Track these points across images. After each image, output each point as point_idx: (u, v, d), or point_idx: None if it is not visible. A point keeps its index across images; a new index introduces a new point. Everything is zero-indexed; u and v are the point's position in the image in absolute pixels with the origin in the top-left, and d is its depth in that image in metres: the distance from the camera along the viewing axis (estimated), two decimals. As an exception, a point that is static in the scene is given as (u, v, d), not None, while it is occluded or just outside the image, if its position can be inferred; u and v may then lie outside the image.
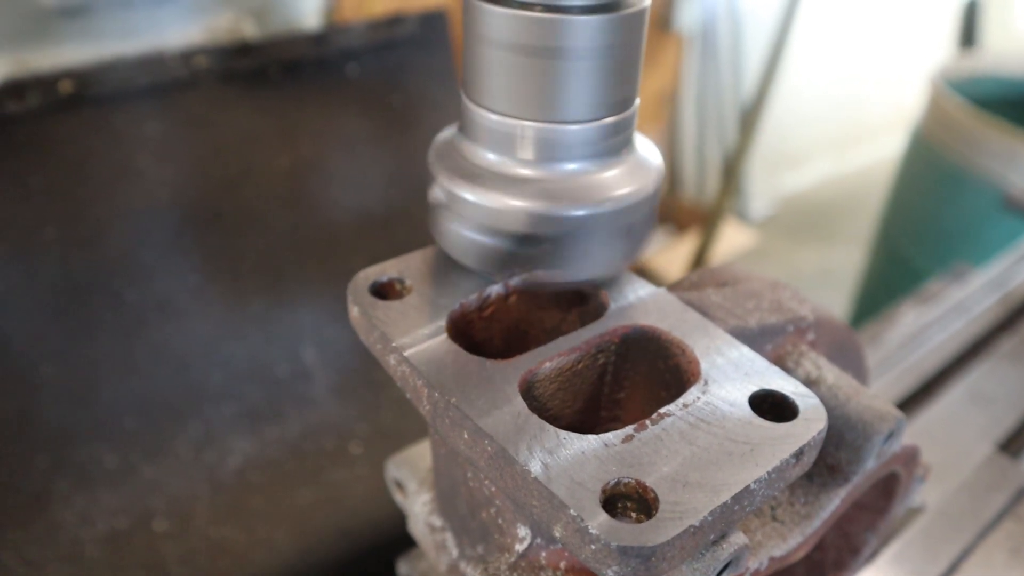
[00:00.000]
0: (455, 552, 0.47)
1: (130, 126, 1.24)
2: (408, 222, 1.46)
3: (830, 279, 2.97)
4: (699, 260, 2.52)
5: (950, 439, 0.77)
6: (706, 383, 0.36)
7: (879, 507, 0.49)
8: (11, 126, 1.15)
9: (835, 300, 2.77)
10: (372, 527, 1.18)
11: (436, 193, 0.42)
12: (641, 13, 0.38)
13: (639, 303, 0.41)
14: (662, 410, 0.34)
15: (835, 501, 0.41)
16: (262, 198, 1.33)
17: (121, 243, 1.21)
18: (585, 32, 0.36)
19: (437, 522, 0.48)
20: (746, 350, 0.38)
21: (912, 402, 0.84)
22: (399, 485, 0.51)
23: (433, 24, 1.54)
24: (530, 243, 0.39)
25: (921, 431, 0.79)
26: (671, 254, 2.80)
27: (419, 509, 0.49)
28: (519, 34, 0.36)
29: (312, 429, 1.25)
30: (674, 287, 0.48)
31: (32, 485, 1.09)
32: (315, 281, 1.34)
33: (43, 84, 1.17)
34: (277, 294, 1.31)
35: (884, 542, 0.61)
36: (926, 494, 0.66)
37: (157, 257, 1.23)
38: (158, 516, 1.10)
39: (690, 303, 0.43)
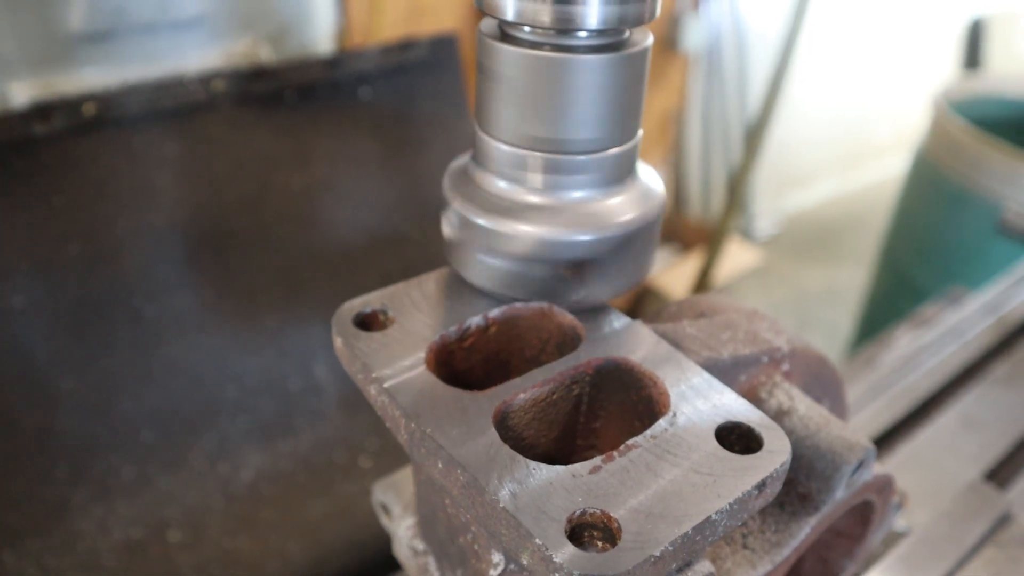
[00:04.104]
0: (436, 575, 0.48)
1: (150, 147, 1.28)
2: (418, 241, 1.49)
3: (835, 298, 2.98)
4: (704, 279, 2.54)
5: (939, 465, 0.78)
6: (675, 415, 0.36)
7: (856, 534, 0.50)
8: (37, 147, 1.19)
9: (840, 319, 2.79)
10: (382, 540, 1.20)
11: (449, 217, 0.44)
12: (643, 52, 0.40)
13: (613, 335, 0.42)
14: (630, 441, 0.35)
15: (805, 530, 0.42)
16: (277, 217, 1.37)
17: (140, 260, 1.24)
18: (590, 70, 0.38)
19: (420, 546, 0.49)
20: (715, 382, 0.38)
21: (904, 426, 0.86)
22: (384, 509, 0.52)
23: (443, 48, 1.58)
24: (538, 266, 0.41)
25: (911, 456, 0.80)
26: (676, 273, 2.82)
27: (403, 533, 0.50)
28: (528, 71, 0.39)
29: (323, 443, 1.28)
30: (653, 318, 0.49)
31: (51, 495, 1.12)
32: (327, 298, 1.37)
33: (68, 107, 1.21)
34: (290, 311, 1.34)
35: (863, 567, 0.62)
36: (911, 519, 0.68)
37: (175, 274, 1.27)
38: (173, 527, 1.13)
39: (664, 335, 0.44)
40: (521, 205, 0.41)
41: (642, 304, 2.62)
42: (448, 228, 0.44)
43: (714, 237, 2.51)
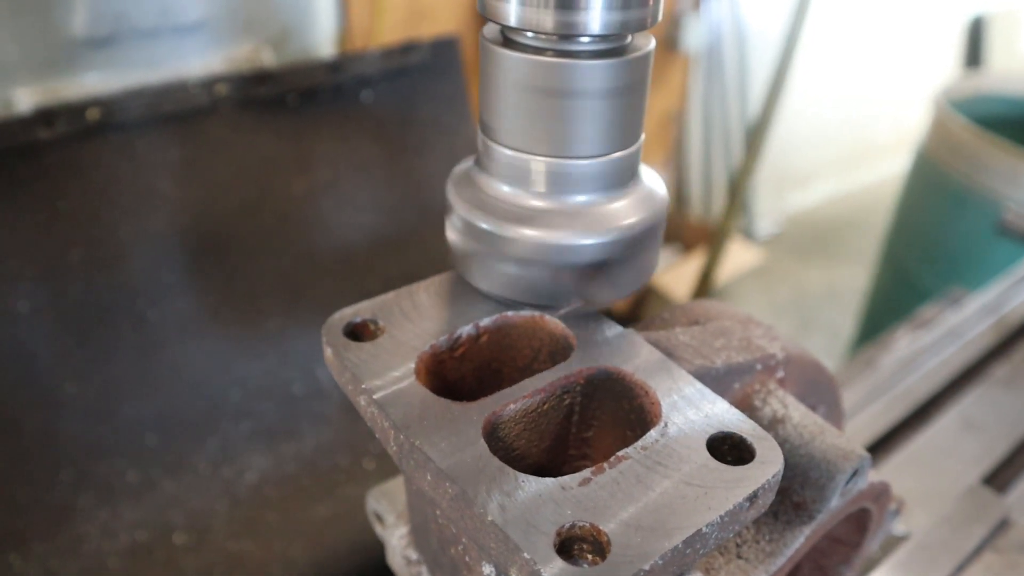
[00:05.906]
0: (430, 585, 0.47)
1: (154, 151, 1.29)
2: (420, 243, 1.50)
3: (836, 297, 2.99)
4: (705, 278, 2.54)
5: (939, 468, 0.78)
6: (666, 425, 0.36)
7: (853, 541, 0.50)
8: (41, 152, 1.19)
9: (841, 318, 2.79)
10: (384, 543, 1.21)
11: (453, 222, 0.44)
12: (646, 57, 0.41)
13: (605, 344, 0.41)
14: (621, 453, 0.35)
15: (799, 539, 0.41)
16: (279, 221, 1.37)
17: (143, 264, 1.25)
18: (593, 75, 0.39)
19: (413, 555, 0.49)
20: (707, 392, 0.38)
21: (904, 428, 0.86)
22: (378, 517, 0.52)
23: (445, 51, 1.58)
24: (542, 270, 0.41)
25: (911, 459, 0.80)
26: (677, 272, 2.82)
27: (396, 542, 0.49)
28: (532, 77, 0.39)
29: (327, 446, 1.28)
30: (646, 325, 0.49)
31: (56, 499, 1.12)
32: (330, 302, 1.37)
33: (71, 112, 1.22)
34: (293, 314, 1.34)
35: (861, 573, 0.62)
36: (910, 523, 0.68)
37: (178, 278, 1.27)
38: (178, 530, 1.14)
39: (657, 343, 0.43)
40: (525, 209, 0.41)
41: (644, 304, 2.62)
42: (452, 232, 0.45)
43: (715, 237, 2.51)
